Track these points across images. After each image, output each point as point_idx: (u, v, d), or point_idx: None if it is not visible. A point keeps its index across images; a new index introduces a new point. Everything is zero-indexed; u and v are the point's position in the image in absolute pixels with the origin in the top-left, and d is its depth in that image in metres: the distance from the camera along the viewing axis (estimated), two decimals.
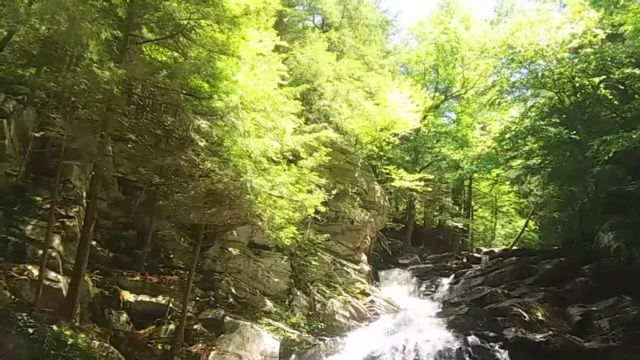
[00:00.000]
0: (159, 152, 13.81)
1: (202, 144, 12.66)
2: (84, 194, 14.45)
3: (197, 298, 15.76)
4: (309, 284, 18.83)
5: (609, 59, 20.29)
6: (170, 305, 14.71)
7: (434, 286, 22.59)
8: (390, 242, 29.22)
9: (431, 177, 28.91)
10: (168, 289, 15.16)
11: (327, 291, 19.01)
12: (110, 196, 15.95)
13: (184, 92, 12.46)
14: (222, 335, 14.75)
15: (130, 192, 16.42)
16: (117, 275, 14.69)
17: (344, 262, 21.58)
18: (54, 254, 12.55)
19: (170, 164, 13.49)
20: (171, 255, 16.44)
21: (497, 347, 15.41)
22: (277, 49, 17.23)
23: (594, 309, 17.01)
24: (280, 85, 16.09)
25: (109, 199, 15.87)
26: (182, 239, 16.85)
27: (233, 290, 16.61)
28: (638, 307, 16.31)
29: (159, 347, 13.77)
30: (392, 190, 28.61)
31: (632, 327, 15.60)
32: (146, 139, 14.88)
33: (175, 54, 13.01)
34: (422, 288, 22.75)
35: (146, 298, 14.68)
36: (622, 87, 21.98)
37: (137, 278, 14.97)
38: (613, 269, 18.51)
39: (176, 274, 15.86)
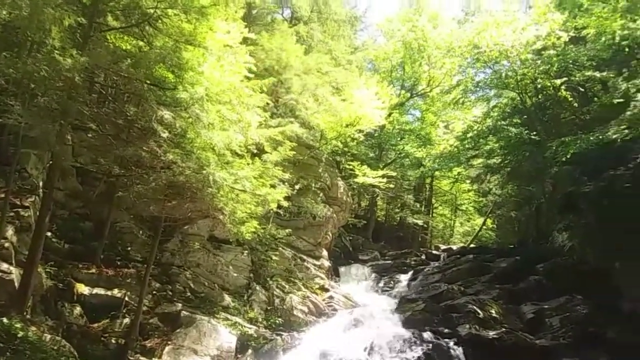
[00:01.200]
0: (120, 143, 13.53)
1: (165, 135, 12.45)
2: (41, 183, 14.07)
3: (154, 292, 15.57)
4: (268, 278, 18.83)
5: (570, 61, 20.77)
6: (126, 298, 14.47)
7: (392, 282, 22.86)
8: (351, 238, 29.42)
9: (394, 174, 29.19)
10: (124, 282, 14.92)
11: (287, 286, 19.04)
12: (67, 186, 15.61)
13: (148, 82, 12.23)
14: (178, 330, 14.62)
15: (88, 183, 16.08)
16: (72, 268, 14.38)
17: (305, 257, 21.64)
18: (6, 244, 12.20)
19: (131, 155, 13.24)
20: (129, 248, 16.19)
21: (451, 344, 15.72)
22: (245, 41, 17.06)
23: (546, 307, 17.47)
24: (247, 78, 15.96)
25: (66, 189, 15.53)
26: (141, 232, 16.60)
27: (191, 285, 16.49)
28: (588, 305, 16.80)
29: (113, 341, 13.55)
30: (355, 187, 28.79)
31: (582, 325, 16.08)
32: (107, 128, 14.54)
33: (141, 43, 12.75)
34: (381, 284, 23.00)
35: (101, 291, 14.41)
36: (582, 90, 22.56)
37: (93, 271, 14.69)
38: (566, 268, 19.00)
39: (133, 267, 15.62)
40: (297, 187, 20.47)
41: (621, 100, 17.45)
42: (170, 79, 12.44)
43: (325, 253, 23.34)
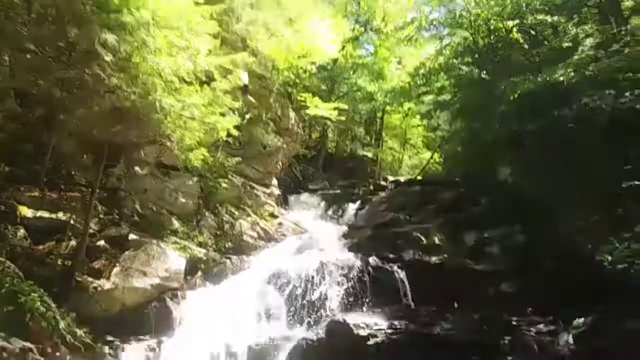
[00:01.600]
0: (61, 65, 12.98)
1: (109, 58, 12.00)
2: None
3: (101, 215, 15.43)
4: (218, 205, 18.87)
5: (524, 4, 20.90)
6: (72, 222, 14.32)
7: (341, 211, 23.27)
8: (301, 168, 29.60)
9: (346, 107, 29.12)
10: (69, 205, 14.71)
11: (236, 213, 19.16)
12: (6, 108, 15.00)
13: (90, 2, 11.71)
14: (126, 253, 14.61)
15: (28, 105, 15.45)
16: (13, 190, 14.06)
17: (255, 185, 21.72)
18: None
19: (73, 78, 12.76)
20: (73, 172, 15.86)
21: (395, 268, 16.30)
22: None
23: (487, 235, 18.20)
24: (196, 3, 15.40)
25: (4, 111, 14.93)
26: (85, 156, 16.16)
27: (139, 209, 16.39)
28: (526, 235, 17.61)
29: (59, 262, 13.49)
30: (306, 118, 28.68)
31: (519, 253, 16.88)
32: (47, 50, 13.90)
33: None
34: (330, 212, 23.40)
35: (45, 214, 14.19)
36: (533, 33, 22.76)
37: (36, 194, 14.40)
38: (507, 200, 19.68)
39: (78, 191, 15.39)
40: (247, 116, 20.27)
41: (570, 44, 17.90)
42: (115, 1, 11.90)
43: (275, 182, 23.48)
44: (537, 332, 14.13)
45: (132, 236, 15.18)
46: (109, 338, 12.87)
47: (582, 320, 14.00)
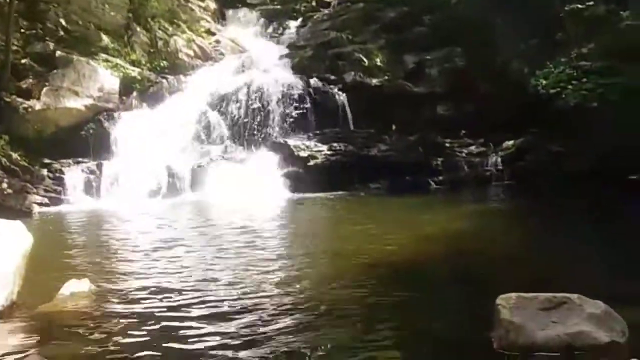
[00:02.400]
0: None
1: None
2: None
3: (22, 30, 14.15)
4: (149, 19, 17.57)
5: None
6: None
7: (281, 29, 22.27)
8: None
9: None
10: None
11: (170, 28, 17.97)
12: None
13: None
14: (54, 71, 13.77)
15: None
16: None
17: None
18: None
19: None
20: None
21: (336, 90, 16.24)
22: None
23: (428, 57, 18.12)
24: None
25: None
26: None
27: (63, 23, 15.06)
28: (467, 58, 17.62)
29: None
30: None
31: (457, 76, 17.03)
32: None
33: None
34: (269, 30, 22.36)
35: None
36: None
37: None
38: (450, 21, 19.31)
39: None
40: None
41: None
42: None
43: None
44: (468, 154, 15.00)
45: (59, 53, 14.16)
46: (46, 160, 12.64)
47: (511, 142, 14.89)
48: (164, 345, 3.62)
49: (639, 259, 5.34)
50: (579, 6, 14.19)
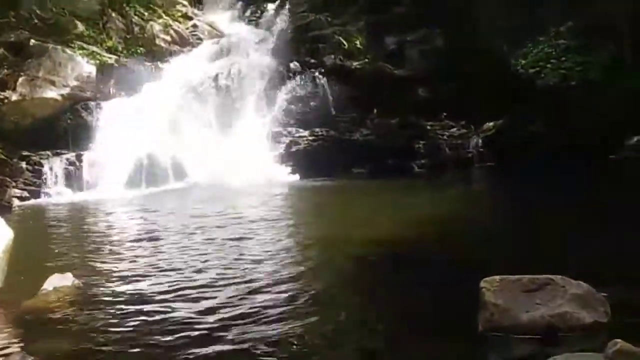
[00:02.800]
0: None
1: None
2: None
3: None
4: (124, 4, 17.25)
5: None
6: None
7: (259, 12, 22.02)
8: None
9: None
10: None
11: (146, 13, 17.64)
12: None
13: None
14: (29, 60, 13.51)
15: None
16: None
17: None
18: None
19: None
20: None
21: (317, 74, 16.14)
22: None
23: (408, 39, 18.03)
24: None
25: None
26: None
27: (37, 10, 14.73)
28: (447, 39, 17.56)
29: None
30: None
31: (437, 57, 17.01)
32: None
33: None
34: (248, 13, 22.11)
35: None
36: None
37: None
38: (432, 0, 19.20)
39: None
40: None
41: None
42: None
43: None
44: (449, 136, 15.06)
45: (33, 42, 13.87)
46: (25, 153, 12.43)
47: (492, 124, 14.95)
48: (149, 339, 3.60)
49: (621, 238, 5.42)
50: None
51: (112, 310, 4.23)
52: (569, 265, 4.02)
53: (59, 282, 4.74)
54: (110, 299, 4.53)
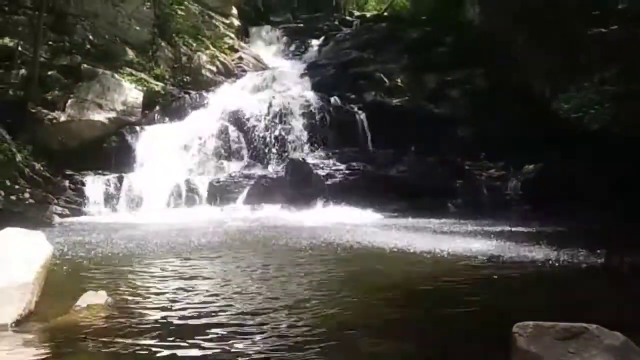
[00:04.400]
0: None
1: None
2: None
3: (50, 42, 14.49)
4: (174, 35, 17.90)
5: None
6: (20, 48, 13.44)
7: (303, 47, 22.54)
8: None
9: None
10: (15, 30, 13.68)
11: (194, 44, 18.29)
12: None
13: None
14: (79, 84, 14.07)
15: None
16: None
17: (213, 14, 20.54)
18: None
19: None
20: None
21: (356, 109, 16.32)
22: None
23: (449, 78, 18.14)
24: None
25: None
26: None
27: (90, 36, 15.42)
28: (488, 79, 17.63)
29: (11, 92, 12.92)
30: None
31: (480, 97, 17.05)
32: None
33: None
34: (292, 48, 22.64)
35: None
36: None
37: None
38: (472, 42, 19.37)
39: (24, 14, 14.22)
40: None
41: None
42: None
43: (234, 11, 22.24)
44: (488, 177, 14.90)
45: (85, 66, 14.47)
46: (68, 172, 12.84)
47: (531, 167, 14.75)
48: None
49: None
50: (603, 30, 14.09)
51: (143, 330, 4.27)
52: (604, 314, 3.89)
53: (92, 299, 4.81)
54: (142, 318, 4.57)
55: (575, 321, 3.32)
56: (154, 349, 3.83)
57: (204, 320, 4.49)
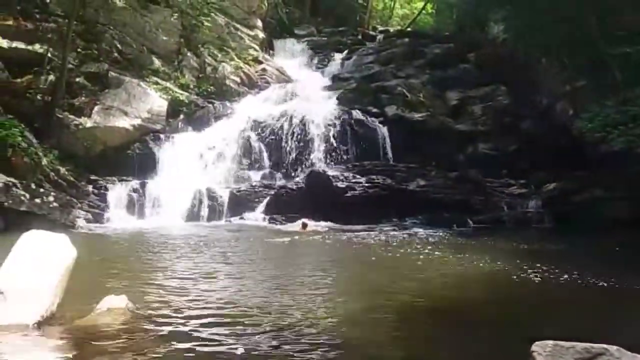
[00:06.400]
0: None
1: None
2: None
3: (79, 50, 14.78)
4: (200, 45, 18.15)
5: None
6: (49, 55, 13.74)
7: (326, 60, 22.66)
8: (287, 10, 28.25)
9: None
10: (45, 37, 13.98)
11: (219, 55, 18.52)
12: None
13: None
14: (106, 91, 14.32)
15: None
16: None
17: (238, 26, 20.80)
18: None
19: None
20: (48, 0, 14.87)
21: (377, 123, 16.32)
22: None
23: (471, 95, 18.10)
24: None
25: None
26: None
27: (118, 45, 15.70)
28: (510, 97, 17.56)
29: (39, 97, 13.19)
30: None
31: (501, 114, 16.97)
32: None
33: None
34: (315, 61, 22.78)
35: (21, 45, 13.54)
36: None
37: (10, 22, 13.59)
38: (495, 59, 19.33)
39: (54, 22, 14.54)
40: None
41: None
42: None
43: (259, 24, 22.49)
44: (509, 194, 14.77)
45: (112, 73, 14.73)
46: (93, 177, 13.04)
47: (552, 185, 14.60)
48: None
49: None
50: (628, 50, 13.97)
51: (162, 335, 4.32)
52: (625, 336, 3.85)
53: (113, 303, 4.88)
54: (161, 324, 4.62)
55: (596, 342, 3.29)
56: (171, 354, 3.87)
57: (222, 330, 4.53)
